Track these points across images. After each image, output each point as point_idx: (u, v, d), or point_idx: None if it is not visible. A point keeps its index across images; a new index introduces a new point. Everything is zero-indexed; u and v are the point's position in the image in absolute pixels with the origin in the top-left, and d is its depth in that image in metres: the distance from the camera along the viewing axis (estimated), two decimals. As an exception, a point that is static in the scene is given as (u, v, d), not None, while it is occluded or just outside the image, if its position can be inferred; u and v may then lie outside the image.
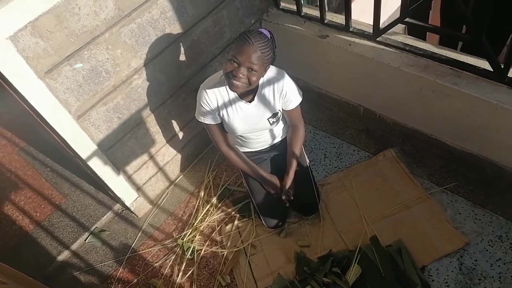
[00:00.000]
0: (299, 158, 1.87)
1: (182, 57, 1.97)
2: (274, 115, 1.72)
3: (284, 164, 1.86)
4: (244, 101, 1.65)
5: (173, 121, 2.14)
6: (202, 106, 1.65)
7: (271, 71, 1.65)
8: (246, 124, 1.71)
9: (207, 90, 1.63)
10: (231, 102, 1.65)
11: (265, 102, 1.67)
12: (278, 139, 1.90)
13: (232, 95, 1.63)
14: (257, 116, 1.69)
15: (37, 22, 1.37)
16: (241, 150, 1.91)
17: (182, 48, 1.94)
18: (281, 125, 1.86)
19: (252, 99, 1.65)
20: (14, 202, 2.40)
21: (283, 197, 1.83)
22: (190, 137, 2.32)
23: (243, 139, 1.83)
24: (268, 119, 1.72)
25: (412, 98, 1.95)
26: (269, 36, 1.51)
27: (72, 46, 1.51)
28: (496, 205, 1.88)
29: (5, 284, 1.14)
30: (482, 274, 1.71)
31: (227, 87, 1.58)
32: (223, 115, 1.68)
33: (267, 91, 1.66)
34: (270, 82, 1.64)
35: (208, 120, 1.70)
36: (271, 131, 1.83)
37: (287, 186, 1.82)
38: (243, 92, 1.60)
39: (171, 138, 2.19)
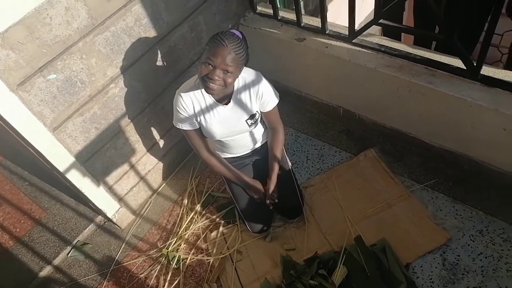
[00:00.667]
0: (281, 161, 1.88)
1: (159, 64, 1.95)
2: (252, 116, 1.72)
3: (266, 168, 1.85)
4: (220, 104, 1.65)
5: (152, 129, 2.12)
6: (179, 112, 1.64)
7: (247, 72, 1.65)
8: (225, 127, 1.70)
9: (182, 95, 1.62)
10: (207, 106, 1.64)
11: (241, 104, 1.67)
12: (258, 143, 1.90)
13: (208, 98, 1.63)
14: (234, 119, 1.69)
15: (7, 34, 1.34)
16: (223, 156, 1.90)
17: (159, 55, 1.92)
18: (261, 129, 1.86)
19: (228, 102, 1.65)
20: (-8, 218, 2.33)
21: (267, 201, 1.82)
22: (171, 144, 2.30)
23: (223, 144, 1.82)
24: (246, 120, 1.71)
25: (389, 98, 1.98)
26: (241, 36, 1.52)
27: (45, 57, 1.48)
28: (476, 200, 1.92)
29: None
30: (465, 269, 1.73)
31: (203, 90, 1.59)
32: (200, 119, 1.67)
33: (243, 93, 1.66)
34: (246, 83, 1.65)
35: (186, 126, 1.69)
36: (251, 134, 1.82)
37: (270, 190, 1.82)
38: (219, 95, 1.61)
39: (151, 147, 2.17)
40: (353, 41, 1.98)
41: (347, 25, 1.94)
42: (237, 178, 1.86)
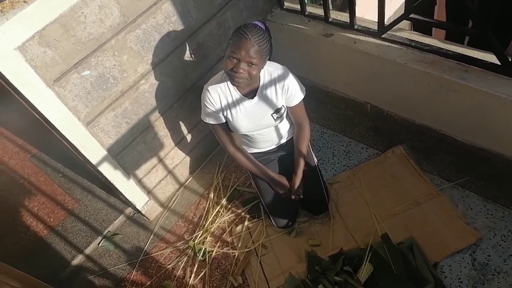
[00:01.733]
0: (307, 158, 1.87)
1: (188, 61, 1.98)
2: (277, 110, 1.72)
3: (292, 164, 1.86)
4: (246, 98, 1.66)
5: (181, 124, 2.16)
6: (206, 106, 1.68)
7: (273, 66, 1.66)
8: (251, 121, 1.72)
9: (209, 89, 1.65)
10: (234, 100, 1.67)
11: (267, 98, 1.68)
12: (284, 139, 1.91)
13: (235, 92, 1.65)
14: (260, 113, 1.70)
15: (44, 32, 1.39)
16: (249, 151, 1.91)
17: (187, 52, 1.95)
18: (286, 124, 1.87)
19: (254, 95, 1.66)
20: (28, 208, 2.44)
21: (293, 197, 1.83)
22: (198, 139, 2.33)
23: (249, 138, 1.84)
24: (271, 114, 1.72)
25: (419, 94, 1.94)
26: (263, 27, 1.52)
27: (79, 54, 1.54)
28: (508, 199, 1.86)
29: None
30: (495, 270, 1.69)
31: (229, 84, 1.63)
32: (227, 114, 1.70)
33: (269, 87, 1.67)
34: (272, 77, 1.65)
35: (213, 120, 1.72)
36: (276, 129, 1.83)
37: (296, 186, 1.82)
38: (245, 88, 1.63)
39: (179, 141, 2.21)
40: (382, 36, 1.95)
41: (376, 20, 1.92)
42: (263, 173, 1.87)
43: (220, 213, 2.19)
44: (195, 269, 2.01)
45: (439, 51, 1.82)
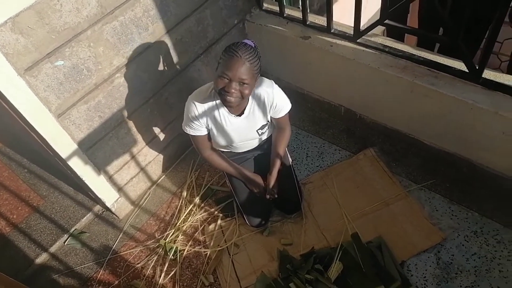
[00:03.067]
0: (283, 158, 1.89)
1: (165, 56, 1.96)
2: (263, 126, 1.74)
3: (268, 163, 1.87)
4: (234, 115, 1.65)
5: (155, 120, 2.13)
6: (191, 121, 1.64)
7: (260, 82, 1.64)
8: (235, 136, 1.73)
9: (197, 105, 1.61)
10: (220, 117, 1.64)
11: (254, 115, 1.68)
12: (262, 142, 1.92)
13: (222, 109, 1.63)
14: (246, 128, 1.71)
15: (17, 18, 1.34)
16: (225, 150, 1.91)
17: (165, 47, 1.93)
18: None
19: (242, 113, 1.65)
20: (-11, 204, 2.33)
21: (268, 196, 1.84)
22: (173, 137, 2.31)
23: (229, 146, 1.83)
24: (257, 130, 1.73)
25: (392, 98, 2.00)
26: (253, 45, 1.51)
27: (53, 43, 1.49)
28: (472, 202, 1.95)
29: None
30: (458, 268, 1.76)
31: (217, 101, 1.60)
32: (211, 128, 1.68)
33: (257, 104, 1.66)
34: (260, 94, 1.64)
35: (195, 133, 1.70)
36: (259, 139, 1.84)
37: (270, 185, 1.83)
38: (234, 107, 1.60)
39: (153, 138, 2.18)
40: (357, 40, 2.00)
41: (352, 25, 1.97)
42: (239, 173, 1.87)
43: (192, 212, 2.17)
44: (165, 268, 1.98)
45: (411, 57, 1.89)
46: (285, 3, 2.21)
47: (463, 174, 2.02)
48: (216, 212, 2.15)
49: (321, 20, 2.14)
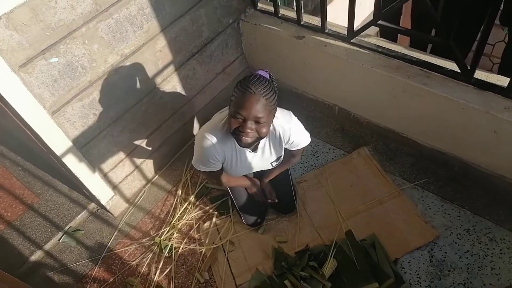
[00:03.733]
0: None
1: (160, 55, 1.96)
2: (278, 158, 1.72)
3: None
4: (249, 150, 1.59)
5: (150, 119, 2.13)
6: (209, 160, 1.54)
7: (277, 116, 1.50)
8: (249, 169, 1.72)
9: (216, 145, 1.50)
10: (237, 154, 1.59)
11: (270, 148, 1.64)
12: None
13: (238, 147, 1.56)
14: (260, 162, 1.69)
15: (12, 15, 1.34)
16: None
17: (159, 46, 1.93)
18: None
19: (257, 147, 1.59)
20: (-17, 202, 2.32)
21: (269, 201, 1.94)
22: (167, 135, 2.31)
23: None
24: (271, 162, 1.72)
25: (385, 98, 2.02)
26: (268, 77, 1.38)
27: (48, 40, 1.49)
28: (464, 200, 1.97)
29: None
30: (451, 266, 1.78)
31: (233, 138, 1.48)
32: (226, 163, 1.63)
33: (273, 140, 1.59)
34: (275, 129, 1.54)
35: (208, 169, 1.63)
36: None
37: (267, 191, 1.94)
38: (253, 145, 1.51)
39: (148, 136, 2.18)
40: (351, 40, 2.02)
41: (346, 25, 1.98)
42: (244, 183, 1.92)
43: (187, 210, 2.18)
44: (160, 266, 1.98)
45: (404, 57, 1.90)
46: (279, 3, 2.22)
47: (455, 172, 2.04)
48: (211, 210, 2.16)
49: (315, 20, 2.16)
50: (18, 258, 2.05)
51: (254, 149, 1.59)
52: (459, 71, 1.74)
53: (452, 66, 1.79)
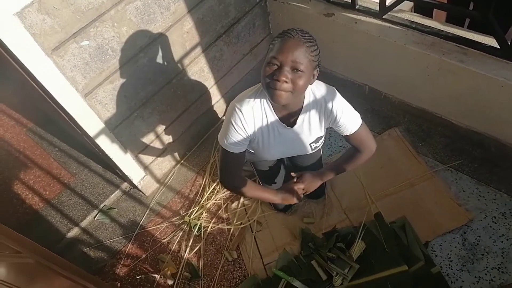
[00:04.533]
0: (316, 154, 1.76)
1: (187, 36, 1.96)
2: (318, 139, 1.49)
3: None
4: (284, 124, 1.38)
5: (178, 100, 2.15)
6: (237, 132, 1.34)
7: (319, 87, 1.37)
8: (284, 150, 1.50)
9: (243, 112, 1.32)
10: (269, 126, 1.38)
11: (309, 125, 1.42)
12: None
13: (271, 115, 1.35)
14: (298, 141, 1.46)
15: (43, -1, 1.38)
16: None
17: (187, 27, 1.93)
18: None
19: (294, 123, 1.39)
20: (24, 181, 2.44)
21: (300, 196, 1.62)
22: (196, 117, 2.33)
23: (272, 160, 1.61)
24: (310, 144, 1.49)
25: (418, 76, 1.94)
26: (312, 35, 1.25)
27: (78, 23, 1.52)
28: (500, 183, 1.90)
29: (19, 253, 1.18)
30: (485, 250, 1.73)
31: (264, 105, 1.34)
32: (257, 141, 1.41)
33: (313, 113, 1.38)
34: (317, 101, 1.36)
35: (234, 150, 1.38)
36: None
37: (302, 186, 1.59)
38: (285, 111, 1.35)
39: (177, 118, 2.21)
40: (383, 16, 1.94)
41: (378, 1, 1.91)
42: (270, 195, 1.60)
43: (216, 190, 2.21)
44: (190, 244, 2.03)
45: (439, 33, 1.82)
46: (308, -21, 2.16)
47: (492, 154, 1.95)
48: (238, 191, 2.18)
49: (346, -4, 2.09)
50: (57, 234, 2.16)
51: (292, 124, 1.40)
52: (498, 47, 1.65)
53: (491, 41, 1.69)
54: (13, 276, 1.13)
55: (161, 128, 2.16)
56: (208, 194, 2.19)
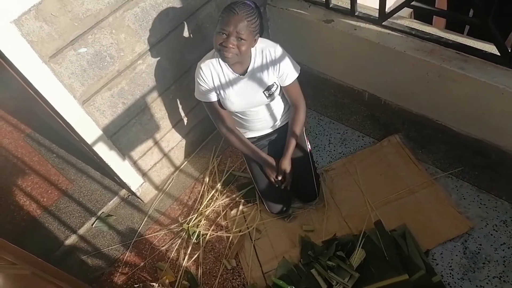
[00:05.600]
0: (300, 143, 1.89)
1: (186, 42, 1.96)
2: (269, 88, 1.73)
3: (283, 148, 1.86)
4: (237, 74, 1.68)
5: (177, 106, 2.14)
6: (200, 84, 1.71)
7: (264, 43, 1.67)
8: (242, 99, 1.74)
9: (202, 67, 1.68)
10: (225, 77, 1.69)
11: (258, 75, 1.70)
12: (279, 121, 1.92)
13: (226, 69, 1.67)
14: (251, 89, 1.72)
15: (41, 6, 1.36)
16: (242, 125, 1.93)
17: (185, 33, 1.93)
18: (280, 104, 1.87)
19: (245, 72, 1.68)
20: (21, 187, 2.42)
21: (279, 178, 1.85)
22: (195, 123, 2.32)
23: (243, 117, 1.85)
24: (263, 92, 1.73)
25: (418, 83, 1.94)
26: (253, 5, 1.54)
27: (76, 30, 1.51)
28: (501, 190, 1.88)
29: (14, 265, 1.16)
30: (486, 258, 1.71)
31: (221, 61, 1.66)
32: (219, 91, 1.73)
33: (259, 64, 1.68)
34: (263, 55, 1.67)
35: (206, 99, 1.75)
36: (269, 108, 1.84)
37: (282, 166, 1.84)
38: (236, 65, 1.64)
39: (175, 124, 2.20)
40: (383, 23, 1.94)
41: (377, 7, 1.90)
42: (254, 154, 1.89)
43: (215, 197, 2.20)
44: (188, 251, 2.02)
45: (439, 40, 1.81)
46: (307, -14, 2.16)
47: (492, 161, 1.94)
48: (237, 198, 2.17)
49: (345, 3, 2.08)
50: (54, 242, 2.14)
51: (243, 73, 1.68)
52: (498, 54, 1.64)
53: (491, 48, 1.69)
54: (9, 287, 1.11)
55: (159, 135, 2.15)
56: (207, 201, 2.18)
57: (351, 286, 1.70)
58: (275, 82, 1.73)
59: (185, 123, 2.26)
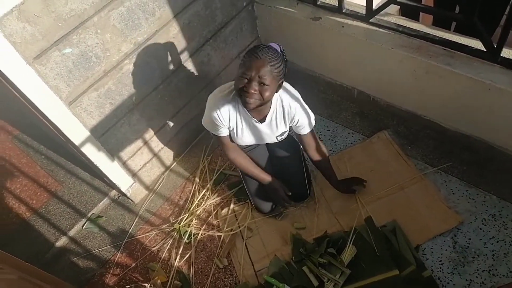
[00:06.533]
0: (292, 142, 1.91)
1: (174, 42, 1.94)
2: (283, 133, 1.75)
3: (278, 147, 1.86)
4: (255, 119, 1.64)
5: (166, 106, 2.13)
6: (215, 123, 1.63)
7: (286, 93, 1.62)
8: (254, 139, 1.75)
9: (220, 108, 1.59)
10: (242, 121, 1.65)
11: (276, 123, 1.68)
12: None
13: (244, 113, 1.62)
14: (265, 134, 1.72)
15: (23, 6, 1.35)
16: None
17: (173, 32, 1.91)
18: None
19: (264, 120, 1.64)
20: (10, 190, 2.40)
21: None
22: (184, 122, 2.31)
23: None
24: (276, 136, 1.75)
25: (406, 79, 1.94)
26: (278, 49, 1.48)
27: (60, 31, 1.49)
28: (489, 185, 1.90)
29: (0, 269, 1.15)
30: (475, 252, 1.73)
31: (239, 106, 1.59)
32: (233, 129, 1.68)
33: (279, 115, 1.65)
34: (283, 105, 1.62)
35: (216, 132, 1.70)
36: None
37: (342, 189, 1.95)
38: (255, 111, 1.58)
39: (164, 124, 2.19)
40: (370, 20, 1.94)
41: (364, 4, 1.90)
42: (263, 180, 1.88)
43: (206, 196, 2.19)
44: (180, 251, 2.01)
45: (426, 36, 1.82)
46: (295, -17, 2.15)
47: (480, 156, 1.96)
48: (229, 197, 2.16)
49: (332, 0, 2.08)
50: (44, 244, 2.12)
51: (262, 121, 1.65)
52: (484, 49, 1.65)
53: (477, 44, 1.70)
54: (-5, 292, 1.10)
55: (149, 135, 2.13)
56: (198, 201, 2.17)
57: (343, 282, 1.71)
58: (288, 129, 1.75)
59: (175, 123, 2.25)
